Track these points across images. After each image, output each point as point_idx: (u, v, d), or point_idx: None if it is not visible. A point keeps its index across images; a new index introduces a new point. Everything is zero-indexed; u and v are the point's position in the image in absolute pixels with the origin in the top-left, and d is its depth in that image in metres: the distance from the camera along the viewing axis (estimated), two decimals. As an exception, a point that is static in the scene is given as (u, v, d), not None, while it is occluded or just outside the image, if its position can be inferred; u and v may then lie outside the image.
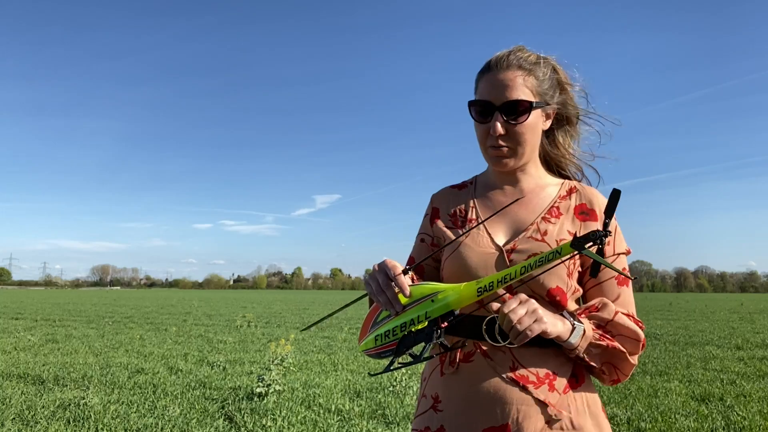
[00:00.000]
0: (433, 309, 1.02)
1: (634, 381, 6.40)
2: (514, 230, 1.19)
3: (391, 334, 1.06)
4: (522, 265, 0.96)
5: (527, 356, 1.11)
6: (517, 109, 1.16)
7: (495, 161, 1.21)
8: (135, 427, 4.40)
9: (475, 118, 1.22)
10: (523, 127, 1.18)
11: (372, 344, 1.10)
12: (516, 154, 1.20)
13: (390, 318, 1.07)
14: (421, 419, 1.19)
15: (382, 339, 1.08)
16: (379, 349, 1.08)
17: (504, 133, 1.17)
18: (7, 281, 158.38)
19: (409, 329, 1.04)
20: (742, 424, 4.56)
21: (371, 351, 1.10)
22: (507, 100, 1.16)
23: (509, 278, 0.97)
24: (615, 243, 1.19)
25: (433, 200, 1.35)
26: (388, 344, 1.07)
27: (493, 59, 1.21)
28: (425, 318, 1.03)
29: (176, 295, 56.17)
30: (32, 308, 22.64)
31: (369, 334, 1.11)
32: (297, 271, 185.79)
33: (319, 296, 55.75)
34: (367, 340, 1.11)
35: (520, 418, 1.07)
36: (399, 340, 1.05)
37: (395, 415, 4.78)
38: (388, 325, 1.07)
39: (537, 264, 0.95)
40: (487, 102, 1.18)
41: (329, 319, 16.64)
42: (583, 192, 1.24)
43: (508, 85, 1.17)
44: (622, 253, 1.19)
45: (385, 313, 1.09)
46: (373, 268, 1.08)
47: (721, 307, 27.78)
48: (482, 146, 1.23)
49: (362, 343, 1.13)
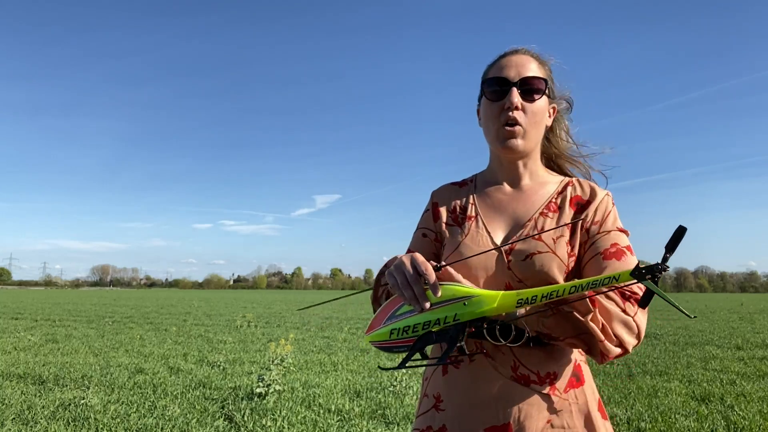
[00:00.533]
0: (464, 312, 1.00)
1: (634, 381, 6.40)
2: (512, 227, 1.19)
3: (411, 331, 1.03)
4: (572, 284, 0.93)
5: (529, 356, 1.10)
6: (534, 86, 1.16)
7: (504, 143, 1.18)
8: (135, 427, 4.40)
9: (488, 96, 1.20)
10: (536, 106, 1.18)
11: (385, 337, 1.06)
12: (526, 135, 1.18)
13: (412, 314, 1.03)
14: (422, 419, 1.19)
15: (399, 334, 1.04)
16: (393, 343, 1.05)
17: (520, 108, 1.16)
18: (7, 281, 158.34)
19: (431, 328, 1.01)
20: (742, 424, 4.56)
21: (383, 344, 1.07)
22: (524, 75, 1.16)
23: (555, 295, 0.94)
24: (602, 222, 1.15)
25: (434, 196, 1.34)
26: (404, 340, 1.04)
27: (507, 49, 1.23)
28: (453, 320, 1.00)
29: (176, 295, 56.16)
30: (32, 308, 22.63)
31: (383, 326, 1.07)
32: (297, 271, 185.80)
33: (319, 296, 55.74)
34: (379, 332, 1.07)
35: (521, 417, 1.07)
36: (418, 337, 1.02)
37: (395, 415, 4.78)
38: (408, 321, 1.03)
39: (589, 285, 0.92)
40: (503, 78, 1.17)
41: (330, 319, 16.64)
42: (579, 184, 1.24)
43: (524, 64, 1.18)
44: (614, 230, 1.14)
45: (407, 308, 1.05)
46: (400, 260, 1.02)
47: (721, 307, 27.77)
48: (493, 126, 1.20)
49: (372, 334, 1.09)
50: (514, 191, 1.24)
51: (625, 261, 1.08)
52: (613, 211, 1.18)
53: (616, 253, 1.09)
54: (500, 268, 1.12)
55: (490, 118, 1.20)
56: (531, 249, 1.12)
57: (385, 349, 1.07)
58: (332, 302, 32.14)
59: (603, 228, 1.14)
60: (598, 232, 1.14)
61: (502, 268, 1.12)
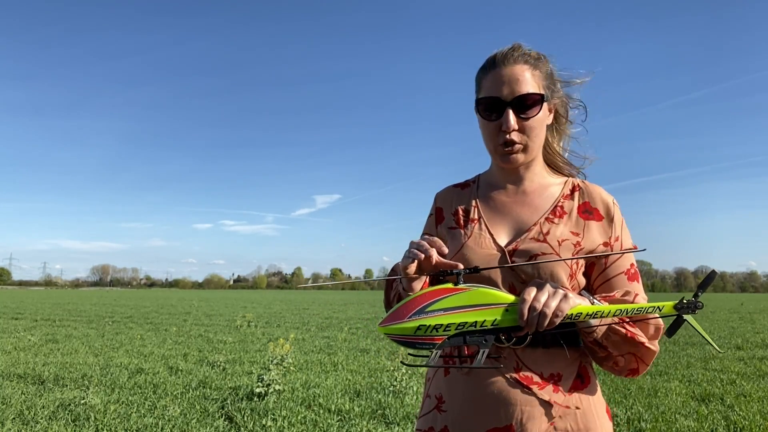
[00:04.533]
0: (504, 319, 0.99)
1: (634, 381, 6.40)
2: (516, 231, 1.18)
3: (442, 330, 0.99)
4: (618, 308, 0.99)
5: (532, 357, 1.10)
6: (528, 103, 1.14)
7: (505, 160, 1.18)
8: (135, 427, 4.40)
9: (483, 116, 1.18)
10: (534, 121, 1.16)
11: (410, 332, 0.99)
12: (527, 150, 1.17)
13: (447, 312, 0.99)
14: (425, 419, 1.18)
15: (428, 331, 0.99)
16: (417, 339, 1.00)
17: (517, 128, 1.15)
18: (7, 281, 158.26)
19: (467, 329, 0.99)
20: (742, 424, 4.56)
21: (405, 338, 1.00)
22: (518, 94, 1.13)
23: (600, 315, 0.99)
24: (622, 239, 1.18)
25: (437, 200, 1.33)
26: (431, 337, 0.99)
27: (497, 55, 1.18)
28: (492, 325, 0.99)
29: (176, 295, 56.16)
30: (32, 308, 22.63)
31: (408, 320, 1.01)
32: (297, 271, 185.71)
33: (319, 296, 55.69)
34: (403, 325, 1.00)
35: (524, 419, 1.07)
36: (449, 337, 0.99)
37: (395, 415, 4.78)
38: (440, 319, 0.99)
39: (633, 312, 0.98)
40: (496, 98, 1.15)
41: (330, 319, 16.64)
42: (586, 190, 1.22)
43: (518, 79, 1.14)
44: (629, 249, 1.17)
45: (442, 304, 1.00)
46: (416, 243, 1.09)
47: (721, 307, 27.76)
48: (491, 145, 1.19)
49: (392, 326, 1.01)
50: (517, 194, 1.23)
51: (640, 283, 1.16)
52: (625, 225, 1.21)
53: (635, 275, 1.17)
54: (503, 269, 1.12)
55: (487, 137, 1.19)
56: (536, 250, 1.12)
57: (406, 344, 1.02)
58: (332, 302, 32.11)
59: (624, 245, 1.18)
60: (621, 249, 1.17)
61: (505, 270, 1.12)
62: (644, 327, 1.09)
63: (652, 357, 1.10)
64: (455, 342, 1.00)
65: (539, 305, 0.97)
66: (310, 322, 15.72)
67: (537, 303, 0.97)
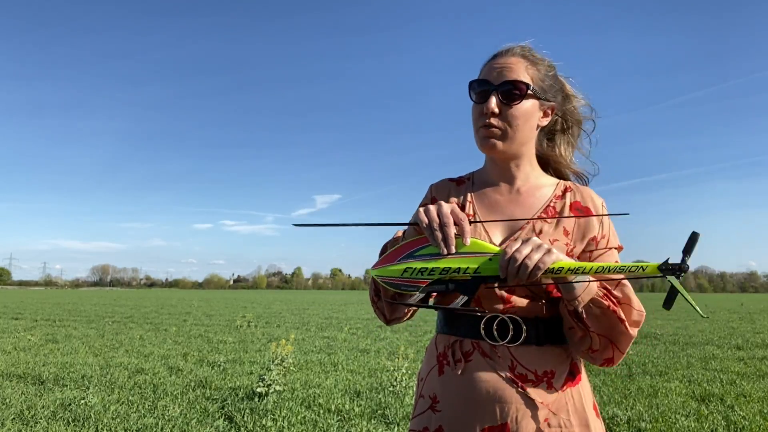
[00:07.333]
0: (487, 267, 1.01)
1: (634, 381, 6.40)
2: (510, 229, 1.19)
3: (427, 273, 1.03)
4: (600, 265, 0.97)
5: (526, 355, 1.11)
6: (514, 90, 1.16)
7: (484, 142, 1.20)
8: (135, 427, 4.40)
9: (472, 98, 1.22)
10: (517, 110, 1.17)
11: (397, 274, 1.05)
12: (506, 137, 1.19)
13: (434, 258, 1.03)
14: (419, 420, 1.18)
15: (414, 273, 1.04)
16: (403, 281, 1.05)
17: (498, 112, 1.17)
18: (7, 281, 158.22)
19: (450, 275, 1.02)
20: (742, 424, 4.56)
21: (392, 279, 1.06)
22: (505, 79, 1.17)
23: (581, 271, 0.98)
24: (609, 238, 1.20)
25: (432, 190, 1.34)
26: (416, 280, 1.04)
27: (502, 48, 1.22)
28: (474, 272, 1.01)
29: (176, 295, 56.14)
30: (32, 308, 22.63)
31: (397, 262, 1.06)
32: (297, 271, 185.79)
33: (319, 296, 55.70)
34: (391, 267, 1.06)
35: (519, 417, 1.08)
36: (432, 281, 1.03)
37: (395, 415, 4.78)
38: (428, 263, 1.03)
39: (616, 270, 0.96)
40: (484, 81, 1.19)
41: (330, 319, 16.64)
42: (578, 190, 1.25)
43: (510, 68, 1.18)
44: (614, 247, 1.20)
45: (430, 250, 1.04)
46: (438, 203, 1.06)
47: (721, 307, 27.76)
48: (474, 127, 1.22)
49: (381, 268, 1.07)
50: (510, 193, 1.25)
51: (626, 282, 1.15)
52: (612, 225, 1.22)
53: None
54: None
55: (473, 120, 1.23)
56: None
57: (392, 285, 1.06)
58: (331, 302, 32.08)
59: (610, 243, 1.19)
60: (605, 246, 1.18)
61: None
62: (627, 310, 1.10)
63: (628, 343, 1.11)
64: (438, 288, 1.03)
65: (520, 256, 0.98)
66: (310, 322, 15.71)
67: (518, 254, 0.98)
